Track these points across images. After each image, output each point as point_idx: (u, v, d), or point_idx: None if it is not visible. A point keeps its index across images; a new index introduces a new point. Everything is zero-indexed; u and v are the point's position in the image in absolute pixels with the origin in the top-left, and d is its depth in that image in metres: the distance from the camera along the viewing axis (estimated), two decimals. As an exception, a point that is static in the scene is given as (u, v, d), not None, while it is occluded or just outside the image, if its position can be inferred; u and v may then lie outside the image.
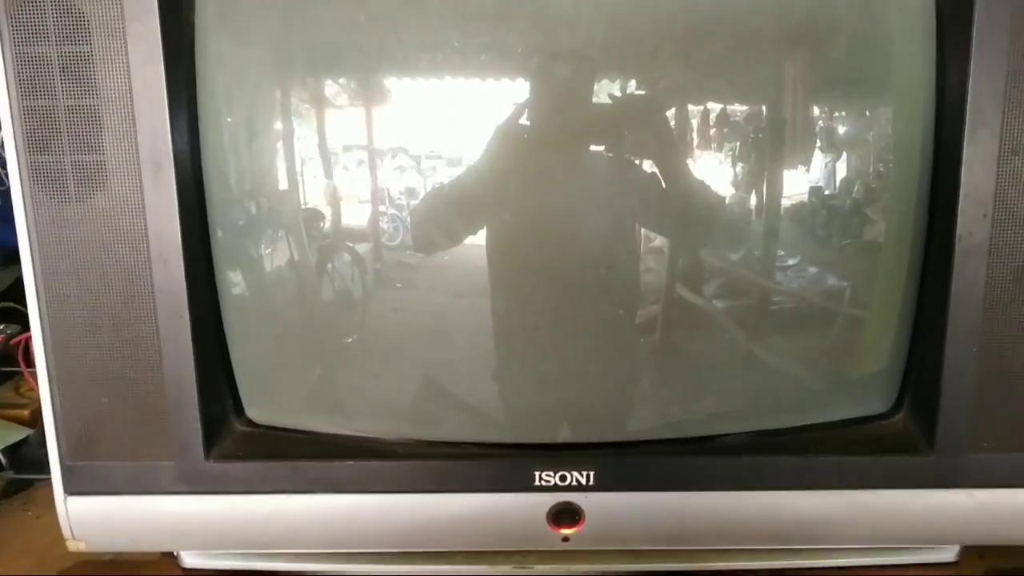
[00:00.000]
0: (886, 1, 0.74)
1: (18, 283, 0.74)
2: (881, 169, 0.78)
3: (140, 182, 0.70)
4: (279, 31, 0.74)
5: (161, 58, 0.68)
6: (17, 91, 0.69)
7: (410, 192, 0.76)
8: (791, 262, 0.80)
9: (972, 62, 0.68)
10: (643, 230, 0.78)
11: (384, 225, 0.77)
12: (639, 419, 0.84)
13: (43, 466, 0.80)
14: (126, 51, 0.68)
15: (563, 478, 0.77)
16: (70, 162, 0.70)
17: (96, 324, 0.73)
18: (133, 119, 0.69)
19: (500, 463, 0.79)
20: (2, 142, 0.72)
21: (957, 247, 0.71)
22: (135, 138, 0.69)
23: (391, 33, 0.74)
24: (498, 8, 0.74)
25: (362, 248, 0.78)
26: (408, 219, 0.76)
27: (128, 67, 0.68)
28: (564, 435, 0.82)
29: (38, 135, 0.70)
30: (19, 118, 0.69)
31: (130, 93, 0.69)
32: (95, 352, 0.74)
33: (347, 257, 0.79)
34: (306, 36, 0.75)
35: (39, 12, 0.67)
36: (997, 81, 0.68)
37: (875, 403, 0.81)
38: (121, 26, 0.68)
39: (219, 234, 0.76)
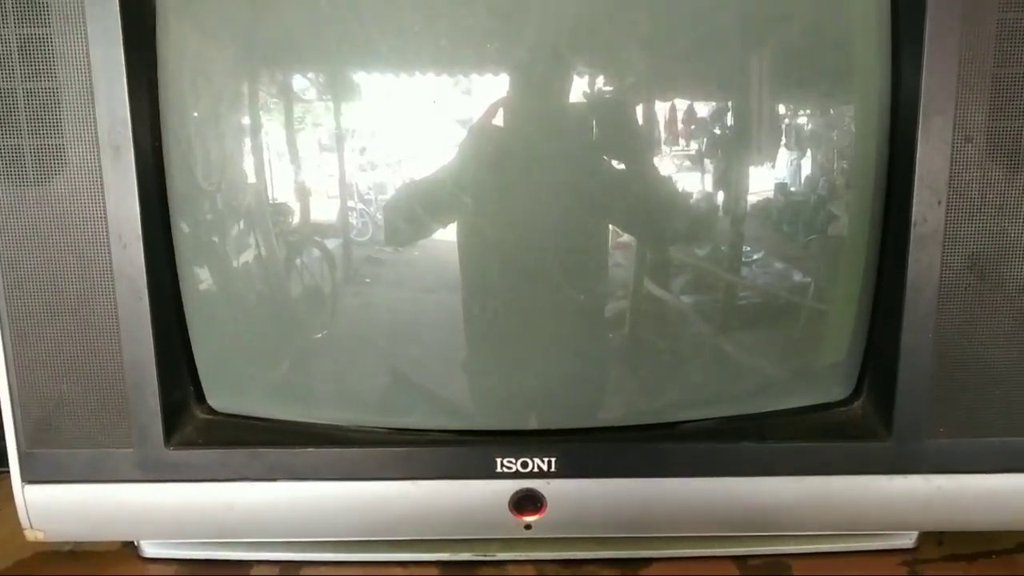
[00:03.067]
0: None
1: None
2: (844, 165, 0.79)
3: (99, 165, 0.70)
4: (242, 18, 0.75)
5: (121, 41, 0.69)
6: (-27, 72, 0.69)
7: (379, 187, 0.76)
8: (756, 257, 0.80)
9: (925, 52, 0.69)
10: (611, 224, 0.79)
11: (353, 220, 0.77)
12: (601, 407, 0.84)
13: (2, 459, 0.79)
14: (85, 33, 0.68)
15: (524, 464, 0.78)
16: (28, 145, 0.70)
17: (54, 309, 0.73)
18: (92, 102, 0.69)
19: (461, 450, 0.79)
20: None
21: (912, 234, 0.72)
22: (94, 121, 0.70)
23: (355, 20, 0.74)
24: (462, 21, 0.75)
25: (331, 243, 0.78)
26: (377, 214, 0.76)
27: (87, 49, 0.68)
28: (527, 422, 0.83)
29: (-5, 117, 0.69)
30: (-26, 99, 0.69)
31: (89, 76, 0.69)
32: (53, 337, 0.74)
33: (316, 252, 0.79)
34: (270, 24, 0.75)
35: (-4, -6, 0.67)
36: (950, 69, 0.69)
37: (835, 390, 0.81)
38: (80, 8, 0.68)
39: (182, 225, 0.76)
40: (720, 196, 0.79)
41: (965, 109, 0.70)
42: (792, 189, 0.77)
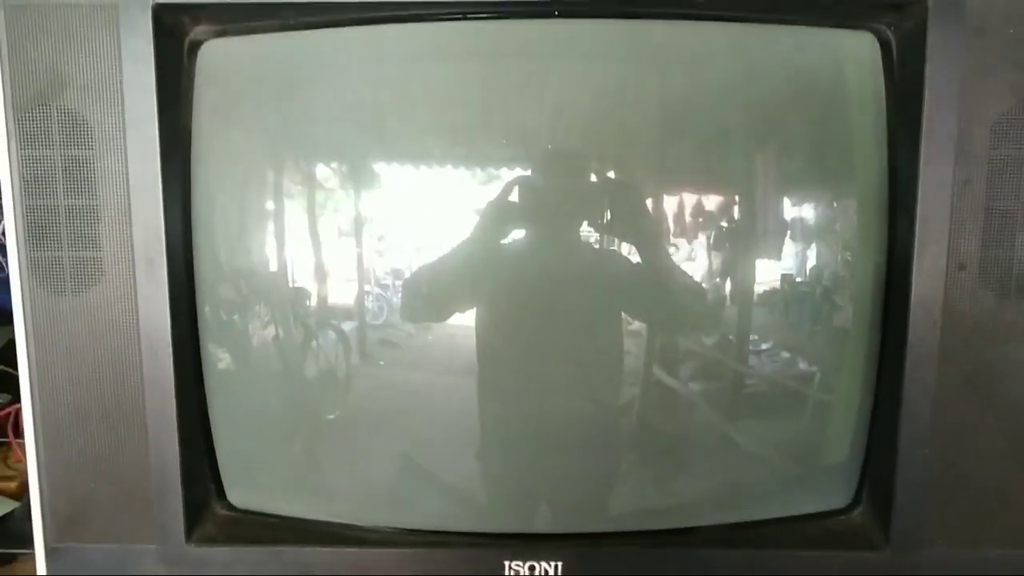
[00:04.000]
0: (841, 115, 0.79)
1: (11, 344, 0.76)
2: (848, 258, 0.81)
3: (134, 278, 0.74)
4: (270, 116, 0.79)
5: (159, 159, 0.73)
6: (21, 190, 0.73)
7: (395, 272, 0.79)
8: (764, 346, 0.83)
9: (920, 183, 0.72)
10: (622, 314, 0.81)
11: (369, 304, 0.80)
12: (609, 511, 0.86)
13: (27, 541, 0.82)
14: (125, 155, 0.72)
15: (532, 568, 0.79)
16: (68, 257, 0.74)
17: (85, 411, 0.76)
18: (129, 218, 0.73)
19: (471, 552, 0.81)
20: (2, 231, 0.76)
21: (908, 353, 0.75)
22: (131, 235, 0.73)
23: (376, 125, 0.79)
24: (480, 118, 0.79)
25: (347, 326, 0.81)
26: (392, 298, 0.79)
27: (127, 170, 0.73)
28: (535, 525, 0.85)
29: (39, 231, 0.74)
30: (21, 215, 0.73)
31: (127, 193, 0.73)
32: (83, 437, 0.77)
33: (332, 335, 0.82)
34: (295, 131, 0.79)
35: (45, 117, 0.72)
36: (944, 200, 0.73)
37: (835, 497, 0.83)
38: (121, 131, 0.72)
39: (206, 310, 0.79)
40: (728, 286, 0.81)
41: (959, 239, 0.73)
42: (798, 280, 0.80)
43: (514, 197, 0.77)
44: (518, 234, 0.79)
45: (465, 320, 0.81)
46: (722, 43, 0.79)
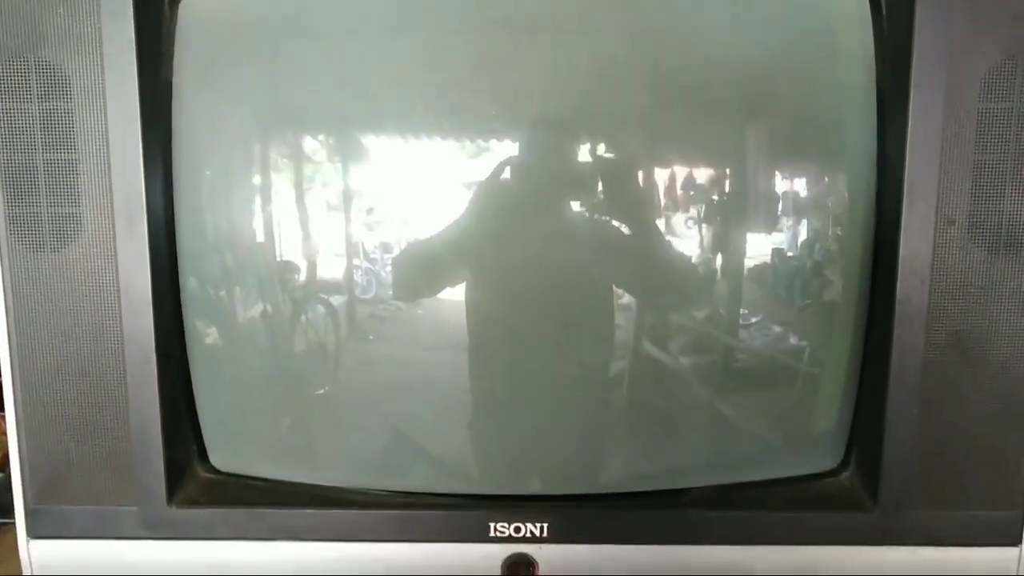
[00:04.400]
0: (830, 77, 0.78)
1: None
2: (839, 232, 0.81)
3: (114, 234, 0.73)
4: (254, 91, 0.78)
5: (138, 115, 0.72)
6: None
7: (384, 246, 0.78)
8: (754, 320, 0.82)
9: (908, 137, 0.72)
10: (612, 287, 0.81)
11: (358, 278, 0.79)
12: (596, 472, 0.85)
13: (10, 511, 0.81)
14: (105, 109, 0.71)
15: (517, 529, 0.79)
16: (47, 213, 0.73)
17: (65, 370, 0.75)
18: (108, 173, 0.72)
19: (457, 514, 0.80)
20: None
21: (897, 312, 0.74)
22: (110, 192, 0.72)
23: (365, 88, 0.78)
24: (468, 76, 0.78)
25: (336, 300, 0.81)
26: (381, 273, 0.79)
27: (106, 124, 0.71)
28: (523, 487, 0.84)
29: (17, 186, 0.72)
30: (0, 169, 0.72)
31: (107, 148, 0.72)
32: (62, 397, 0.76)
33: (321, 309, 0.81)
34: (281, 95, 0.78)
35: (23, 71, 0.71)
36: (933, 154, 0.72)
37: (824, 460, 0.83)
38: (101, 85, 0.71)
39: (191, 283, 0.78)
40: (719, 260, 0.81)
41: (947, 193, 0.72)
42: (788, 254, 0.79)
43: (503, 168, 0.76)
44: (507, 206, 0.78)
45: (455, 293, 0.80)
46: (710, 1, 0.78)
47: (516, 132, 0.77)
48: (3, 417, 0.84)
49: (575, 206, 0.78)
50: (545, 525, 0.79)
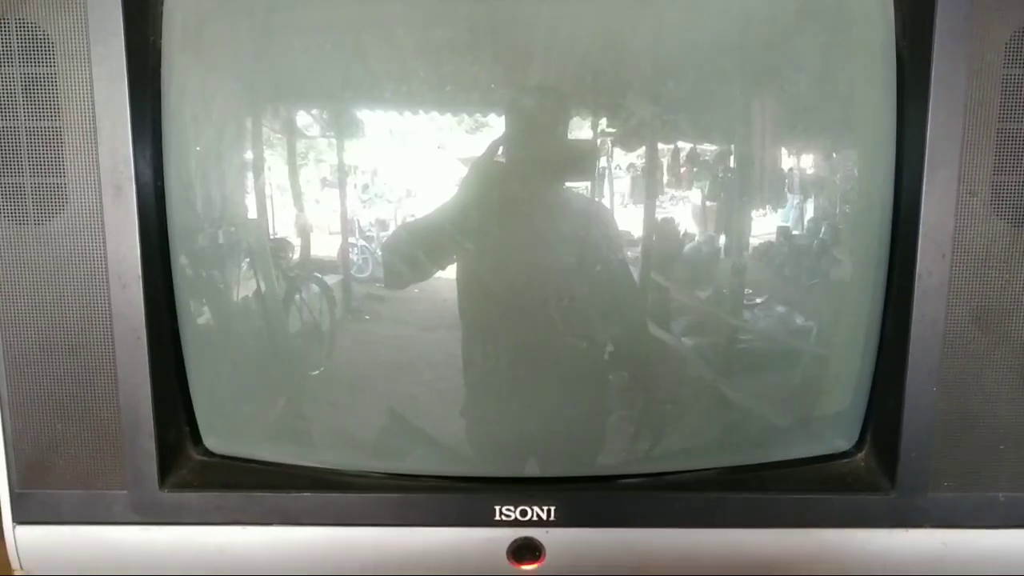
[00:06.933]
0: (847, 44, 0.75)
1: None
2: (847, 210, 0.78)
3: (100, 205, 0.70)
4: (246, 55, 0.75)
5: (125, 81, 0.69)
6: (-21, 111, 0.69)
7: (380, 224, 0.76)
8: (759, 300, 0.80)
9: (930, 104, 0.69)
10: (612, 266, 0.78)
11: (354, 257, 0.77)
12: (601, 454, 0.83)
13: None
14: (90, 74, 0.68)
15: (524, 513, 0.77)
16: (30, 183, 0.70)
17: (51, 347, 0.73)
18: (95, 142, 0.69)
19: (460, 497, 0.78)
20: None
21: (917, 287, 0.72)
22: (96, 161, 0.69)
23: (359, 60, 0.75)
24: (466, 41, 0.75)
25: (331, 279, 0.78)
26: (378, 251, 0.76)
27: (91, 89, 0.68)
28: (526, 469, 0.82)
29: (-2, 156, 0.69)
30: (-20, 138, 0.69)
31: (93, 116, 0.69)
32: (49, 376, 0.73)
33: (315, 288, 0.79)
34: (274, 61, 0.75)
35: (2, 33, 0.67)
36: (955, 122, 0.69)
37: (837, 441, 0.81)
38: (86, 48, 0.68)
39: (182, 260, 0.76)
40: (723, 239, 0.78)
41: (970, 163, 0.70)
42: (795, 233, 0.77)
43: (502, 142, 0.74)
44: (506, 181, 0.76)
45: (448, 273, 0.78)
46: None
47: (515, 107, 0.74)
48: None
49: (573, 179, 0.76)
50: (552, 508, 0.77)
